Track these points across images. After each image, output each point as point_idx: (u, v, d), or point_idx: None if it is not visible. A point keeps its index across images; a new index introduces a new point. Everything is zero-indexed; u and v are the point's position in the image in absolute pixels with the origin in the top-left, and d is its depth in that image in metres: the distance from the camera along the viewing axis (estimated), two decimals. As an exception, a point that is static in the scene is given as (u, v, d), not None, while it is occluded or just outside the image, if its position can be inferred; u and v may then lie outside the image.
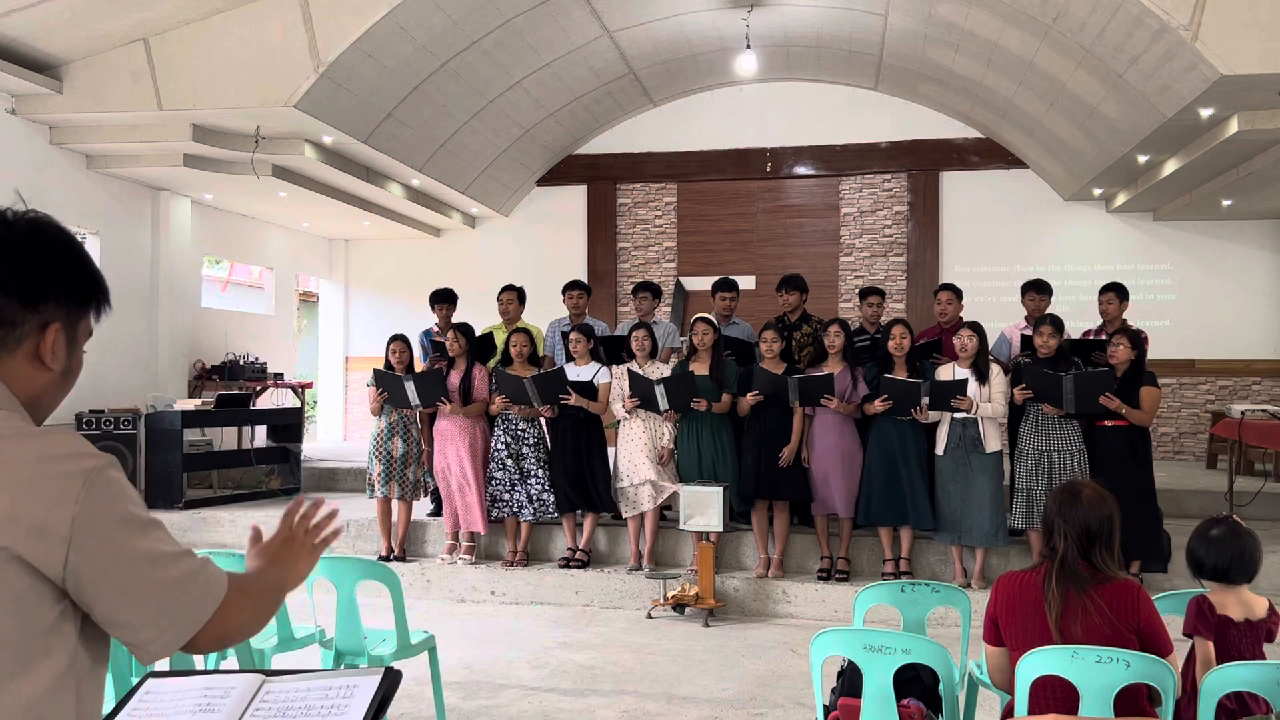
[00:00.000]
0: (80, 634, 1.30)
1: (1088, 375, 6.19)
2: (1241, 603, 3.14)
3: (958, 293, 7.35)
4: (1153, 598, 2.94)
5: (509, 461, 7.07)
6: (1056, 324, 6.44)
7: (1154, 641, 2.82)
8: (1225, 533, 3.17)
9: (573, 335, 7.17)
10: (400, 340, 7.44)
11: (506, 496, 7.09)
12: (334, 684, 1.81)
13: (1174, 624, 3.09)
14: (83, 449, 1.29)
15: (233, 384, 10.26)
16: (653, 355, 7.06)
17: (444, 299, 7.98)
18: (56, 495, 1.24)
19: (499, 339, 7.76)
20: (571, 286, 7.90)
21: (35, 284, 1.36)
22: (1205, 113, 7.51)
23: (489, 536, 7.41)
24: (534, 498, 7.05)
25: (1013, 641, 2.92)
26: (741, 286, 8.21)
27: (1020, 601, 2.90)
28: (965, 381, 6.33)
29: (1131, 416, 6.17)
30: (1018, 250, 11.43)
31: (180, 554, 1.35)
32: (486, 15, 8.43)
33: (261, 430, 9.76)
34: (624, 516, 7.07)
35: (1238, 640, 3.10)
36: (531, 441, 7.10)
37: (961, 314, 7.28)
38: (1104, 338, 6.82)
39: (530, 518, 7.10)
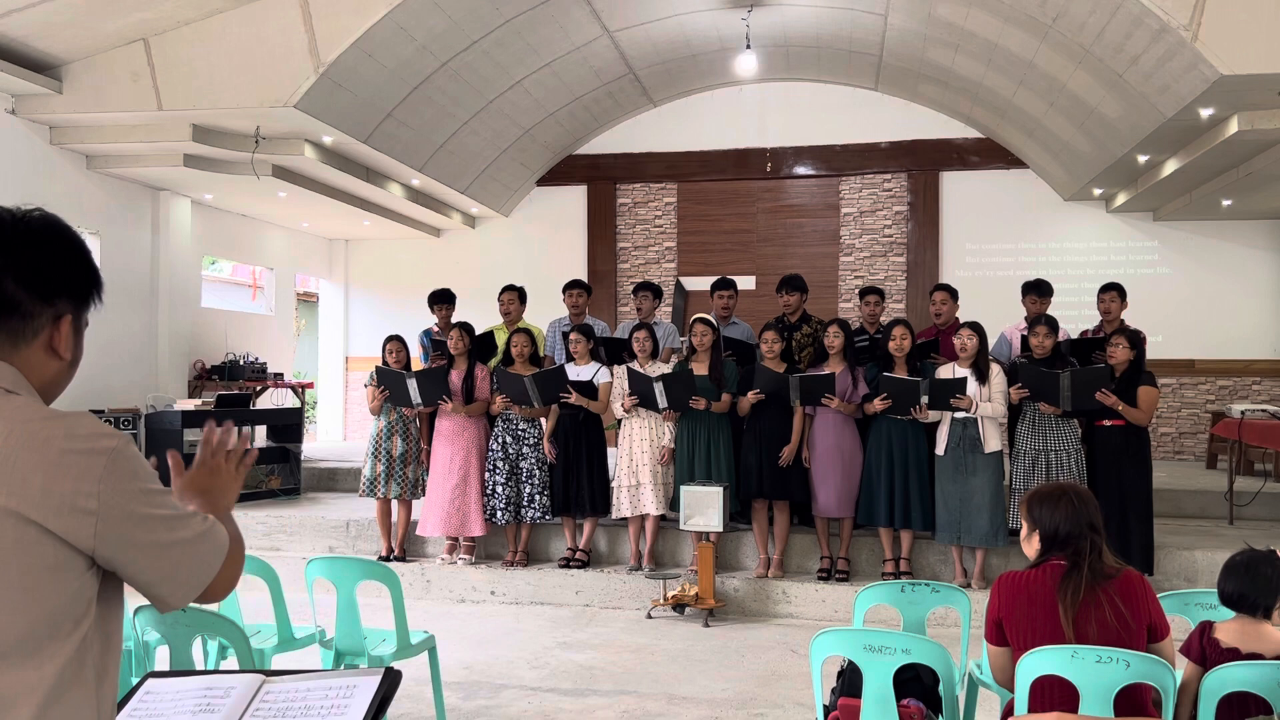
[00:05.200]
0: (98, 602, 1.41)
1: (1084, 372, 6.19)
2: (1259, 637, 2.94)
3: (953, 293, 7.34)
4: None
5: (501, 463, 7.07)
6: (1051, 324, 6.45)
7: (1160, 629, 2.86)
8: (1248, 560, 3.02)
9: (573, 335, 7.17)
10: (397, 340, 7.45)
11: (504, 497, 7.09)
12: (334, 684, 1.81)
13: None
14: (102, 429, 1.40)
15: (233, 384, 10.26)
16: (654, 355, 7.06)
17: (443, 299, 8.00)
18: (83, 472, 1.35)
19: (500, 339, 7.77)
20: (571, 285, 7.90)
21: (51, 279, 1.45)
22: (1205, 113, 7.51)
23: (489, 536, 7.41)
24: (532, 498, 7.05)
25: (1018, 641, 2.89)
26: (741, 286, 8.20)
27: (1027, 601, 2.87)
28: (965, 381, 6.33)
29: (1129, 415, 6.17)
30: (1018, 251, 11.43)
31: (189, 516, 1.47)
32: (486, 15, 8.43)
33: (261, 430, 9.75)
34: (624, 516, 7.07)
35: None
36: (531, 442, 7.10)
37: (957, 314, 7.28)
38: (1102, 336, 6.82)
39: (529, 518, 7.10)
